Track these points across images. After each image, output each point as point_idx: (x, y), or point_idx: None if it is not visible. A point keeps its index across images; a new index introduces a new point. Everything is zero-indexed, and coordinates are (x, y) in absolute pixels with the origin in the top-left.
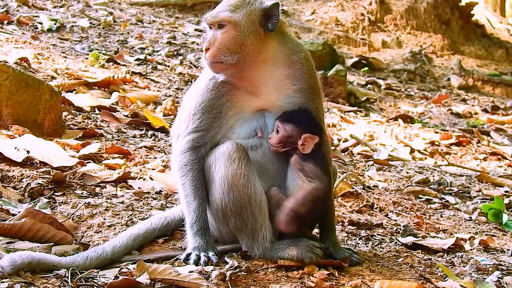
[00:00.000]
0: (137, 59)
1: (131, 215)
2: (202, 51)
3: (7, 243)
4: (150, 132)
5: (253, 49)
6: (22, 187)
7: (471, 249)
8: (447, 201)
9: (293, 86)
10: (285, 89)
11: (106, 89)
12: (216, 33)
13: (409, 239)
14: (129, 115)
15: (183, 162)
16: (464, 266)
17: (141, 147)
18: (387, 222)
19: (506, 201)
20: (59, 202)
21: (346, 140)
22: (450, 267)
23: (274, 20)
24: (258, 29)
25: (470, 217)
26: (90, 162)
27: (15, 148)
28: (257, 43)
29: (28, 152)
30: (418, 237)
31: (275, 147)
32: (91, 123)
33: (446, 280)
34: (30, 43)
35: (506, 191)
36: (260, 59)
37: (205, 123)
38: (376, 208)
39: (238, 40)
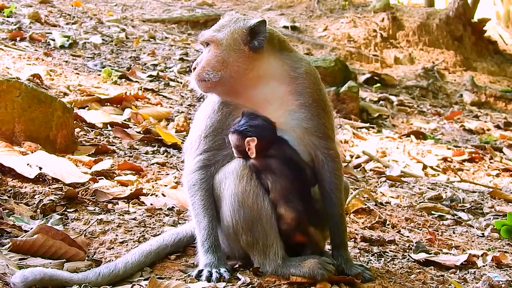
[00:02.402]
0: (150, 76)
1: (143, 231)
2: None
3: (20, 259)
4: (162, 149)
5: (237, 66)
6: (34, 203)
7: (483, 266)
8: (460, 217)
9: (296, 102)
10: (289, 104)
11: (118, 106)
12: (204, 52)
13: (422, 256)
14: (141, 132)
15: (191, 182)
16: (476, 283)
17: (153, 164)
18: (399, 239)
19: None
20: (71, 219)
21: (358, 157)
22: (462, 283)
23: (260, 38)
24: (241, 47)
25: (483, 234)
26: (102, 178)
27: (28, 164)
28: (242, 61)
29: (40, 168)
30: (431, 253)
31: (238, 157)
32: (104, 140)
33: None
34: (43, 60)
35: None
36: (252, 77)
37: (215, 144)
38: (388, 224)
39: (220, 58)
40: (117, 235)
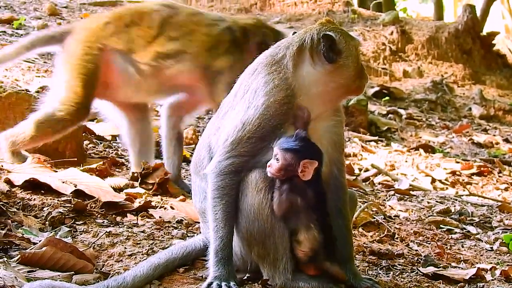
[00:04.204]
0: None
1: (152, 244)
2: None
3: (28, 271)
4: None
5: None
6: (43, 216)
7: (492, 280)
8: (468, 231)
9: (335, 118)
10: (329, 119)
11: None
12: None
13: (430, 269)
14: None
15: (220, 184)
16: None
17: None
18: (408, 252)
19: None
20: (80, 231)
21: (367, 170)
22: None
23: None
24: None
25: (492, 247)
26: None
27: (63, 181)
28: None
29: (75, 186)
30: (439, 267)
31: (276, 175)
32: (112, 152)
33: None
34: (52, 72)
35: None
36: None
37: (255, 149)
38: (397, 238)
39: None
40: (125, 248)
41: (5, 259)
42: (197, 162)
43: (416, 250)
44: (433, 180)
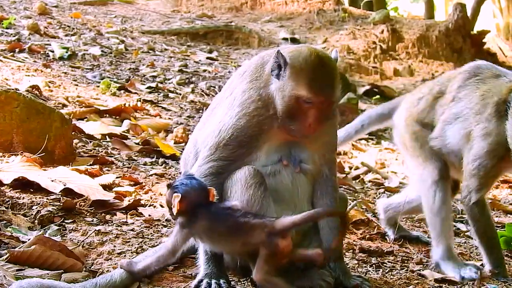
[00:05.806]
0: (149, 87)
1: (141, 242)
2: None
3: (17, 270)
4: (161, 160)
5: None
6: (32, 214)
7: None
8: (458, 228)
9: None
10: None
11: (117, 117)
12: None
13: (420, 267)
14: (140, 143)
15: None
16: None
17: (151, 175)
18: (398, 250)
19: None
20: (69, 230)
21: (357, 168)
22: None
23: None
24: None
25: None
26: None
27: (52, 180)
28: None
29: (64, 184)
30: (429, 264)
31: (170, 215)
32: (102, 151)
33: None
34: (42, 71)
35: None
36: None
37: (236, 155)
38: (387, 235)
39: None
40: (115, 246)
41: None
42: (185, 157)
43: (406, 248)
44: None
